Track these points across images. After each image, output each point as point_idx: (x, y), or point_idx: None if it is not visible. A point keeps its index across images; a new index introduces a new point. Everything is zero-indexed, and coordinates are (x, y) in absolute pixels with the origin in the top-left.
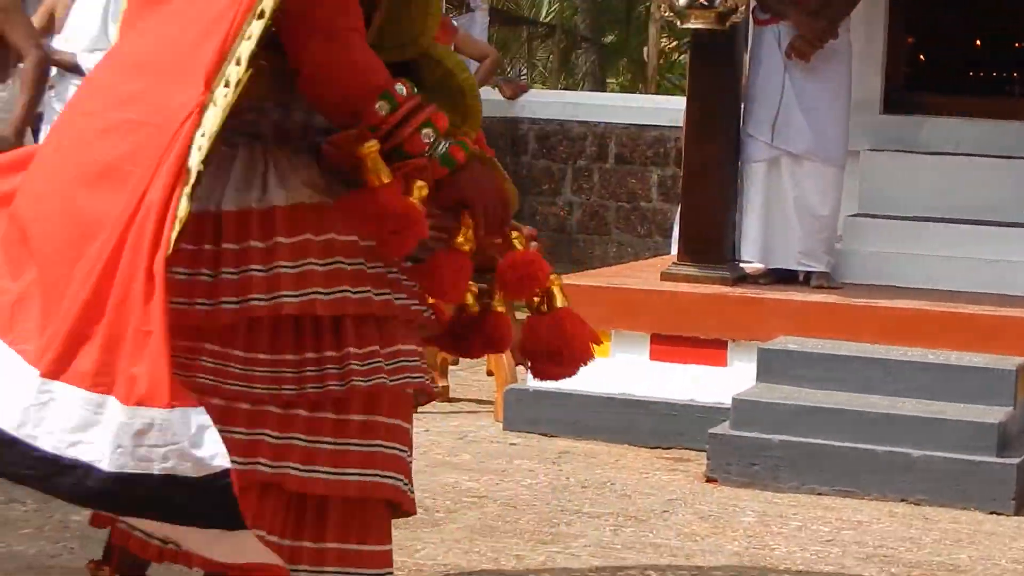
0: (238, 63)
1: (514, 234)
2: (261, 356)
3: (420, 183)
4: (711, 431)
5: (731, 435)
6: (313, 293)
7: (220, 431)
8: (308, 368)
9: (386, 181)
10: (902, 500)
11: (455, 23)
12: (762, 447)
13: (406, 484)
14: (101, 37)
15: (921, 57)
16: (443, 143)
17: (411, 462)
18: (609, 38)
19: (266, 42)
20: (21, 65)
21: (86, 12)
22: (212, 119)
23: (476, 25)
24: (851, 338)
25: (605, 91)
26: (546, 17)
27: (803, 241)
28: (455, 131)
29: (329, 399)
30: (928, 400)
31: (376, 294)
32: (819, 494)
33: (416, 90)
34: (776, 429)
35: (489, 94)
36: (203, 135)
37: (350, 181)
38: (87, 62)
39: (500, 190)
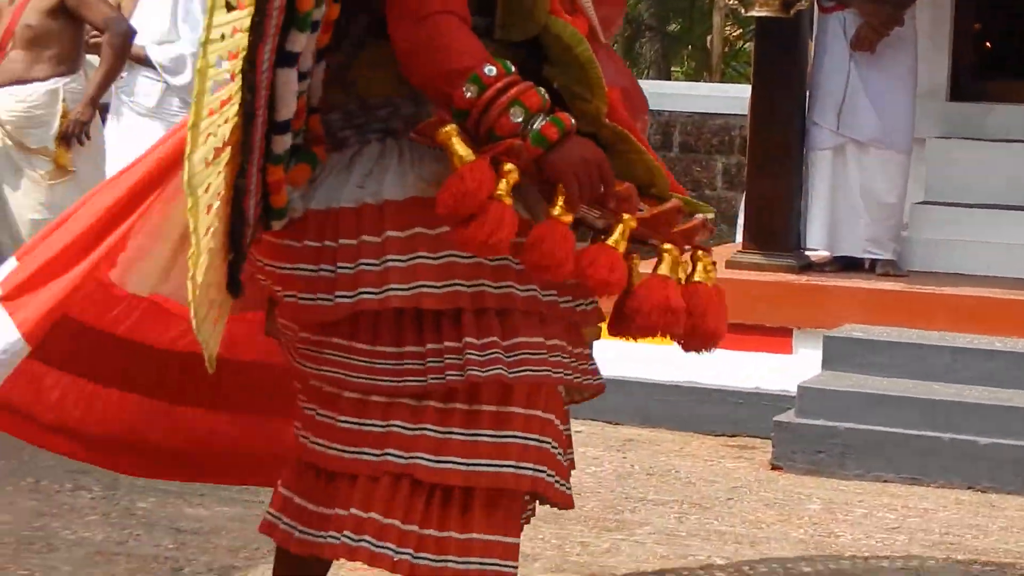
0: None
1: (624, 219)
2: (386, 349)
3: (509, 166)
4: (776, 419)
5: (796, 423)
6: (422, 287)
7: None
8: (431, 359)
9: (465, 162)
10: (968, 488)
11: None
12: (827, 435)
13: (551, 476)
14: (171, 30)
15: (988, 44)
16: (538, 120)
17: (561, 456)
18: (673, 27)
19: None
20: (89, 57)
21: (155, 6)
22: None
23: None
24: (917, 326)
25: (670, 79)
26: None
27: (869, 229)
28: (596, 109)
29: (462, 390)
30: (995, 387)
31: (494, 287)
32: (885, 482)
33: (511, 70)
34: (841, 417)
35: None
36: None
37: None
38: (156, 54)
39: (589, 161)
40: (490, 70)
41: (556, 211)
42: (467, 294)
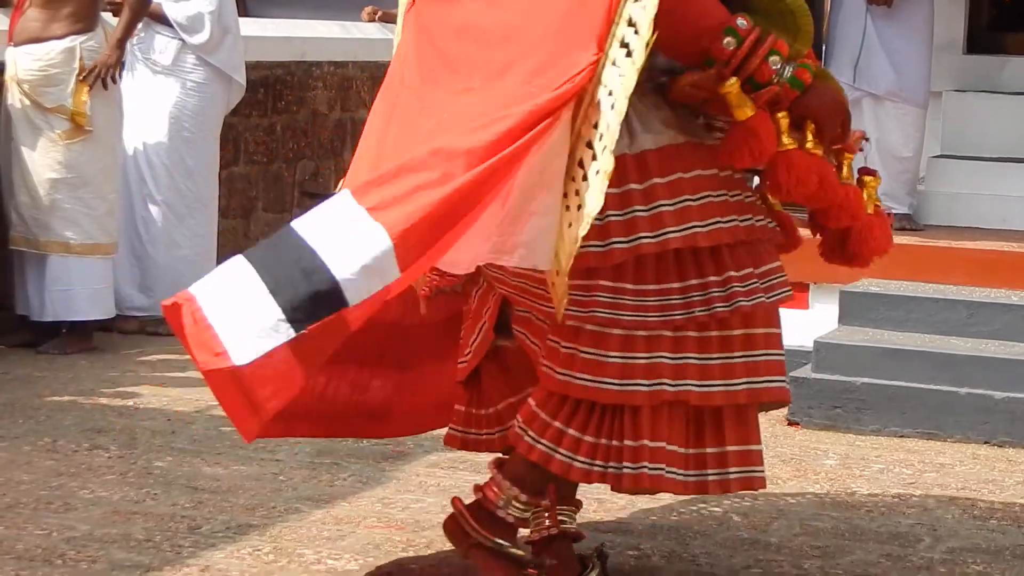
0: (631, 24)
1: (846, 156)
2: (650, 287)
3: (781, 114)
4: (793, 374)
5: (813, 378)
6: (694, 227)
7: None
8: (694, 294)
9: (751, 114)
10: (985, 443)
11: None
12: (844, 390)
13: (784, 381)
14: None
15: None
16: (788, 68)
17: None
18: None
19: None
20: (105, 15)
21: None
22: (619, 79)
23: None
24: (933, 280)
25: None
26: None
27: (885, 183)
28: (796, 52)
29: (714, 319)
30: (1012, 342)
31: (741, 220)
32: (901, 437)
33: (753, 22)
34: (858, 372)
35: None
36: (610, 94)
37: (698, 115)
38: (173, 12)
39: (840, 102)
40: (742, 23)
41: (810, 145)
42: (726, 229)
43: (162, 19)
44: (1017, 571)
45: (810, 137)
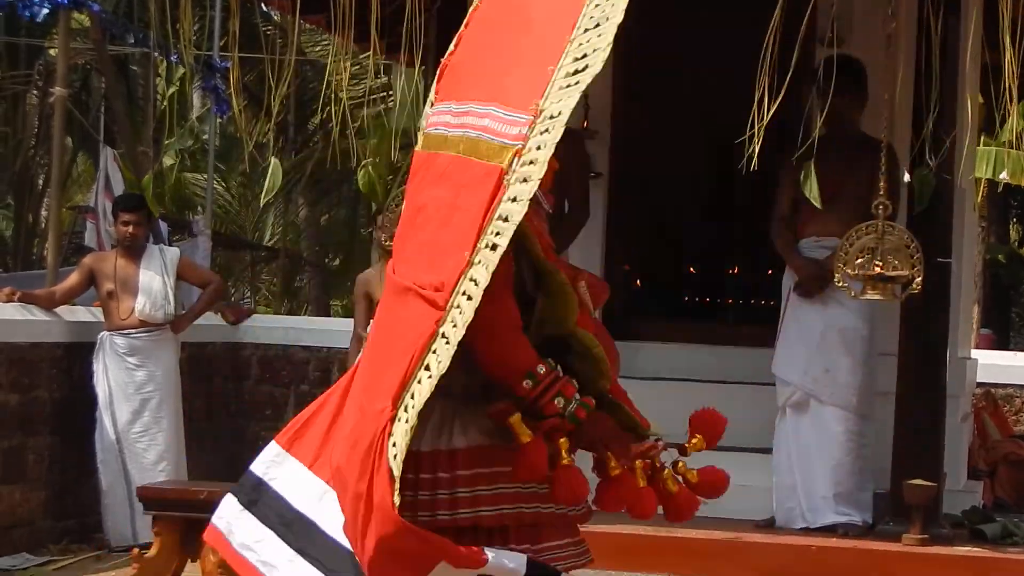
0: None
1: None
2: None
3: (563, 440)
4: None
5: None
6: (481, 510)
7: None
8: None
9: (526, 440)
10: None
11: (177, 248)
12: None
13: None
14: None
15: (637, 283)
16: (571, 406)
17: None
18: (335, 262)
19: None
20: None
21: None
22: (401, 434)
23: (199, 250)
24: None
25: (329, 313)
26: (270, 241)
27: None
28: (598, 389)
29: None
30: None
31: (528, 508)
32: None
33: (556, 366)
34: None
35: (212, 319)
36: (394, 445)
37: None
38: None
39: (612, 431)
40: (541, 369)
41: (613, 464)
42: (511, 515)
43: None
44: None
45: (609, 458)
